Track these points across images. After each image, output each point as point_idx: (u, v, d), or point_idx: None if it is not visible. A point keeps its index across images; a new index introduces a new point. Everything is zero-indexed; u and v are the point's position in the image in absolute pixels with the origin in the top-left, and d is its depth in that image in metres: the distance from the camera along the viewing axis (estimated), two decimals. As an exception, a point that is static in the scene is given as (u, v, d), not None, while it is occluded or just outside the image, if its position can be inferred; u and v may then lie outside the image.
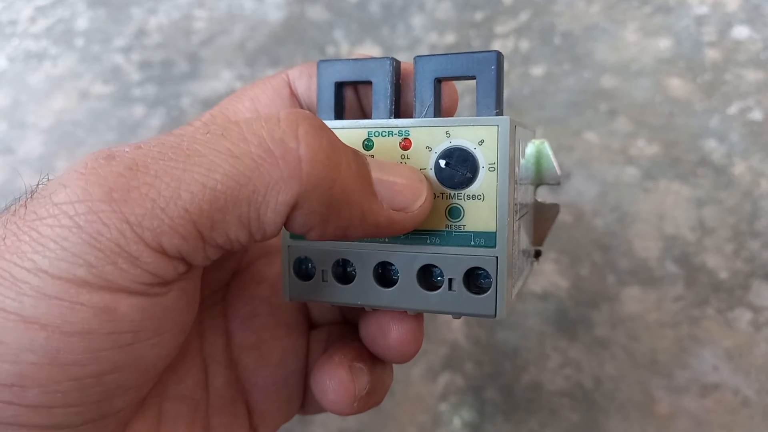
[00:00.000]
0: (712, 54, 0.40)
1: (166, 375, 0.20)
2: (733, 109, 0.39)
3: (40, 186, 0.16)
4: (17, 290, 0.14)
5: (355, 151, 0.17)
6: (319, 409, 0.24)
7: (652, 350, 0.36)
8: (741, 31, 0.40)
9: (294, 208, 0.16)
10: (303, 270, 0.21)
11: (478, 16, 0.46)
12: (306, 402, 0.24)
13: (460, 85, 0.22)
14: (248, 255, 0.24)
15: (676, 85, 0.40)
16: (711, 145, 0.39)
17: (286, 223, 0.16)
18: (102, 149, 0.16)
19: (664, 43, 0.41)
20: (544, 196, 0.25)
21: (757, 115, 0.38)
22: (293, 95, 0.22)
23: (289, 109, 0.17)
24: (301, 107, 0.22)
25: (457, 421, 0.38)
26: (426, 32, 0.47)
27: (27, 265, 0.14)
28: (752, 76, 0.39)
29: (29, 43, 0.57)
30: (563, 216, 0.39)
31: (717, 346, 0.35)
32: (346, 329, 0.24)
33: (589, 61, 0.42)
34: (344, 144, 0.17)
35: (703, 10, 0.41)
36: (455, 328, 0.39)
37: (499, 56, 0.19)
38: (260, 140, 0.15)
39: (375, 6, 0.49)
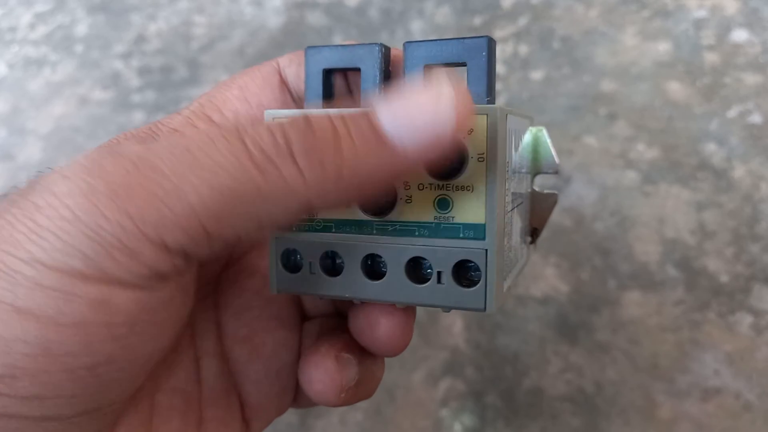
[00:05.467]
0: (711, 57, 0.40)
1: (158, 367, 0.20)
2: (732, 112, 0.39)
3: (40, 176, 0.16)
4: (11, 281, 0.14)
5: (354, 118, 0.16)
6: (312, 402, 0.24)
7: (653, 354, 0.36)
8: (740, 35, 0.40)
9: (308, 205, 0.16)
10: (291, 262, 0.20)
11: (477, 20, 0.46)
12: (299, 395, 0.24)
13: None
14: (239, 247, 0.24)
15: (676, 88, 0.40)
16: (711, 148, 0.39)
17: (309, 211, 0.16)
18: (109, 142, 0.16)
19: (663, 47, 0.41)
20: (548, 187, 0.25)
21: (756, 118, 0.38)
22: (283, 83, 0.22)
23: (284, 118, 0.16)
24: (291, 95, 0.22)
25: (458, 427, 0.37)
26: (425, 37, 0.47)
27: (22, 256, 0.14)
28: (751, 79, 0.39)
29: (29, 49, 0.57)
30: (563, 220, 0.39)
31: (718, 350, 0.35)
32: (338, 321, 0.24)
33: (588, 65, 0.42)
34: (342, 121, 0.16)
35: (702, 13, 0.41)
36: (456, 333, 0.39)
37: (490, 42, 0.18)
38: (261, 152, 0.15)
39: (374, 11, 0.49)
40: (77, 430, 0.16)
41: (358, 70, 0.20)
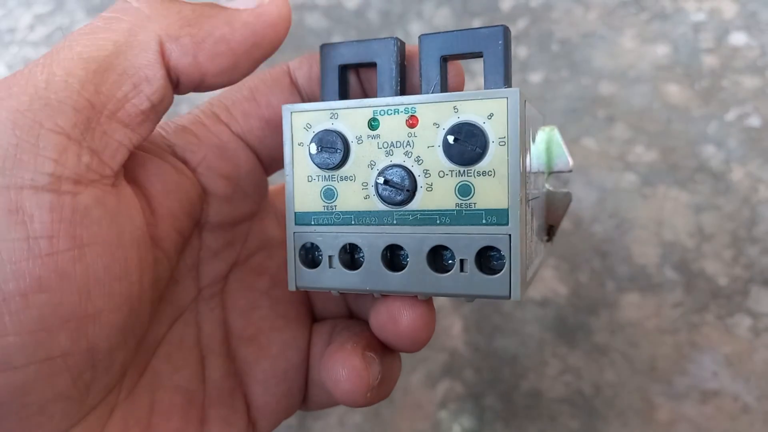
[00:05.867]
0: (709, 60, 0.40)
1: (160, 364, 0.20)
2: (730, 115, 0.39)
3: None
4: None
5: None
6: (324, 404, 0.24)
7: (651, 357, 0.36)
8: (738, 38, 0.40)
9: (162, 40, 0.17)
10: (309, 257, 0.20)
11: (476, 23, 0.46)
12: (309, 397, 0.23)
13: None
14: (247, 247, 0.24)
15: (674, 91, 0.40)
16: (709, 151, 0.39)
17: (169, 61, 0.17)
18: None
19: (661, 50, 0.41)
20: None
21: (754, 121, 0.38)
22: (293, 85, 0.22)
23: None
24: (301, 97, 0.22)
25: (456, 429, 0.37)
26: (424, 39, 0.47)
27: None
28: (750, 82, 0.39)
29: (28, 50, 0.57)
30: (562, 222, 0.39)
31: (716, 352, 0.35)
32: (351, 322, 0.23)
33: (587, 67, 0.43)
34: None
35: (700, 17, 0.42)
36: (454, 335, 0.39)
37: (506, 30, 0.19)
38: (101, 18, 0.17)
39: (373, 13, 0.49)
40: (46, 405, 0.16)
41: (373, 65, 0.20)
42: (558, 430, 0.36)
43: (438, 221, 0.18)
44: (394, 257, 0.19)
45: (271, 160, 0.23)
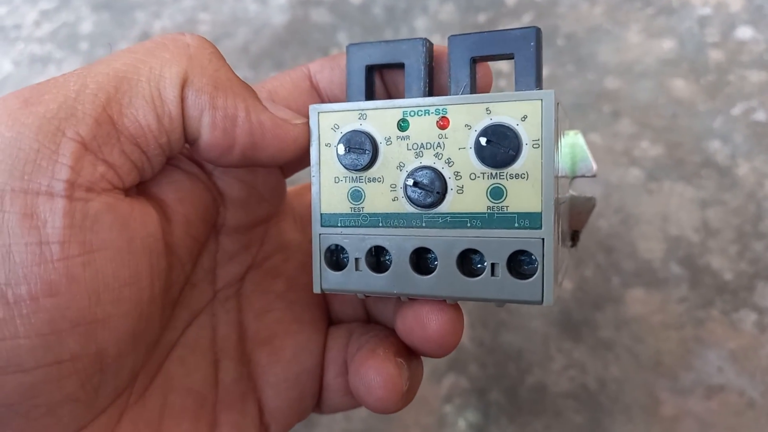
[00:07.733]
0: (715, 55, 0.40)
1: (173, 367, 0.20)
2: (736, 110, 0.39)
3: None
4: None
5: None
6: (338, 408, 0.23)
7: (656, 352, 0.36)
8: (744, 32, 0.40)
9: (185, 83, 0.17)
10: (335, 260, 0.20)
11: (481, 18, 0.46)
12: (323, 401, 0.23)
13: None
14: (264, 250, 0.24)
15: (680, 86, 0.40)
16: (715, 146, 0.38)
17: (184, 106, 0.18)
18: None
19: (667, 45, 0.41)
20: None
21: (761, 115, 0.38)
22: (314, 88, 0.22)
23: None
24: (323, 101, 0.22)
25: (461, 423, 0.38)
26: (429, 34, 0.47)
27: None
28: (756, 77, 0.39)
29: (34, 47, 0.57)
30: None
31: (722, 347, 0.35)
32: (370, 327, 0.23)
33: (592, 62, 0.42)
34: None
35: (706, 11, 0.41)
36: (459, 330, 0.39)
37: (537, 32, 0.18)
38: (153, 40, 0.18)
39: (378, 9, 0.49)
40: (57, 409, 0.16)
41: (401, 66, 0.20)
42: (563, 425, 0.36)
43: (468, 224, 0.18)
44: (421, 260, 0.19)
45: (288, 162, 0.23)
